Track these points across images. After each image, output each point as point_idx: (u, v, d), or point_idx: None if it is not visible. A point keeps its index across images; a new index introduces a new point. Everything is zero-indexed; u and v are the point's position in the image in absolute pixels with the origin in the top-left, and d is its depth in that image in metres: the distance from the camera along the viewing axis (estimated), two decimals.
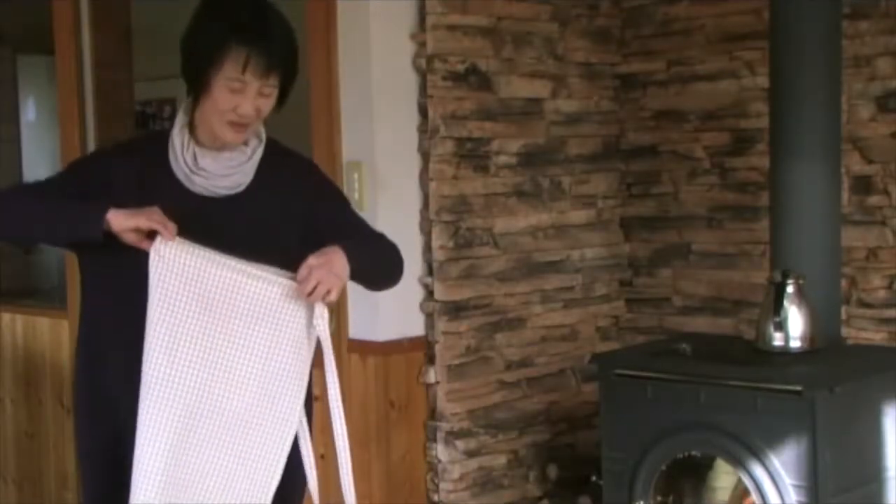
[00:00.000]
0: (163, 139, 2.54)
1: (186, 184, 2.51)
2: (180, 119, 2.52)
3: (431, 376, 3.78)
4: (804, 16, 3.34)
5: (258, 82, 2.41)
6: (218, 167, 2.51)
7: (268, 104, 2.47)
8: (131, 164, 2.53)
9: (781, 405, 3.02)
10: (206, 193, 2.51)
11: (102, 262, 2.49)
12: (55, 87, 4.74)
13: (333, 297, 2.41)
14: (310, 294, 2.39)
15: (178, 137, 2.51)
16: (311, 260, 2.40)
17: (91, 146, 4.54)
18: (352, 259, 2.45)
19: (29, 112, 7.18)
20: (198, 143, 2.50)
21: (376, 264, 2.63)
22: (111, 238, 2.37)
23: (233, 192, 2.54)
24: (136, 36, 4.72)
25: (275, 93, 2.46)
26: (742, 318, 3.97)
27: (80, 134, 4.55)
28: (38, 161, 6.92)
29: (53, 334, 4.72)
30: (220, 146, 2.50)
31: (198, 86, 2.44)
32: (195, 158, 2.50)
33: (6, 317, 4.98)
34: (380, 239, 2.69)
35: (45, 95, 6.70)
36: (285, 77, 2.45)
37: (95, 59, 4.55)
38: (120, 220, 2.35)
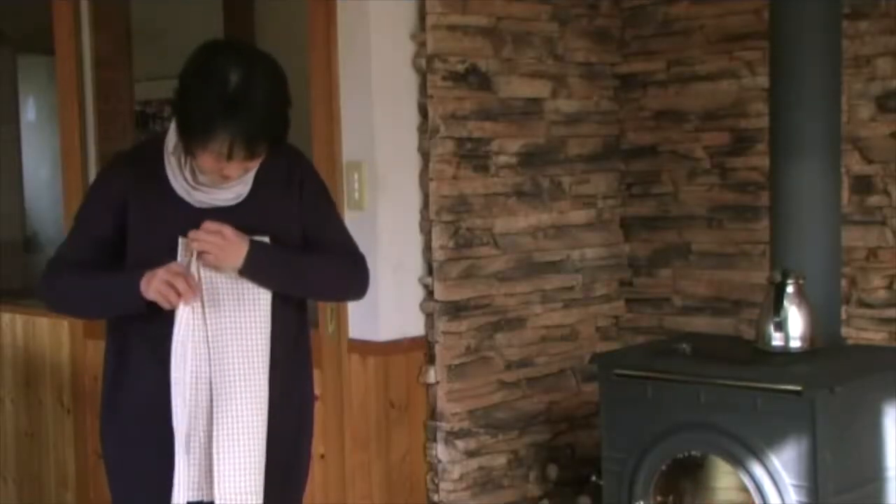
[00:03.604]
0: (155, 151, 2.54)
1: (186, 198, 2.51)
2: (173, 137, 2.50)
3: (431, 376, 3.78)
4: (804, 16, 3.34)
5: (242, 160, 2.41)
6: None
7: (255, 163, 2.47)
8: (129, 180, 2.54)
9: (781, 405, 3.02)
10: (205, 206, 2.51)
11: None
12: (55, 87, 4.73)
13: (206, 259, 2.46)
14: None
15: (174, 157, 2.50)
16: (217, 226, 2.44)
17: (91, 146, 4.54)
18: (254, 260, 2.47)
19: (29, 112, 7.18)
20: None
21: (297, 277, 2.60)
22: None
23: (233, 202, 2.54)
24: (136, 36, 4.71)
25: (262, 156, 2.45)
26: (742, 318, 3.97)
27: (80, 134, 4.55)
28: (39, 161, 6.93)
29: (53, 334, 4.72)
30: None
31: (185, 149, 2.44)
32: (194, 175, 2.50)
33: (6, 317, 4.97)
34: (339, 257, 2.68)
35: (45, 95, 6.70)
36: (273, 143, 2.45)
37: (95, 59, 4.55)
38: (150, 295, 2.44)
